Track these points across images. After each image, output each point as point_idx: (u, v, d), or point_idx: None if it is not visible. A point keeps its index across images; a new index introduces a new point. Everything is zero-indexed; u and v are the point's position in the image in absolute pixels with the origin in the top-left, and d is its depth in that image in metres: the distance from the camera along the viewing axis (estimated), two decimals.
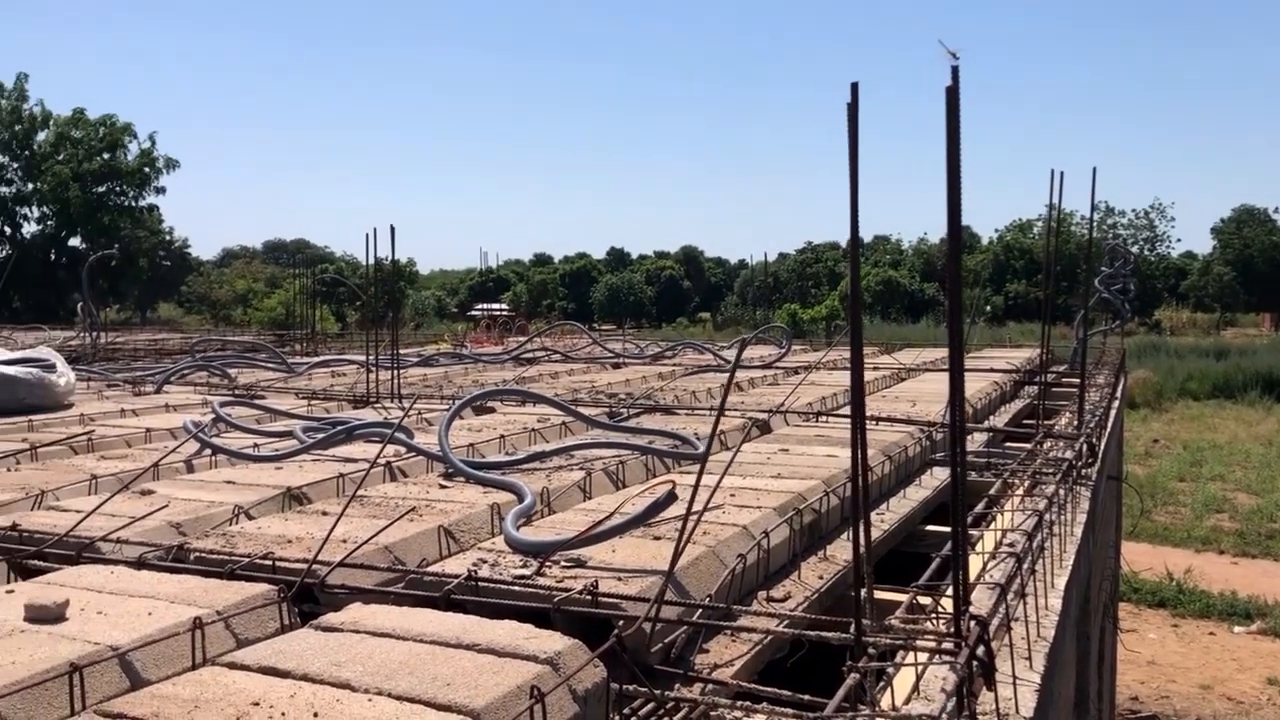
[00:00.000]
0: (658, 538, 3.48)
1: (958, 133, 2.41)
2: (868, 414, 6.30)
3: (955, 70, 2.37)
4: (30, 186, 36.91)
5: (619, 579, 3.02)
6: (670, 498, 3.14)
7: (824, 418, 6.58)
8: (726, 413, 6.71)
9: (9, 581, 3.20)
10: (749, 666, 2.91)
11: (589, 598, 2.84)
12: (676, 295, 66.35)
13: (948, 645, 2.53)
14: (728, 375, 8.55)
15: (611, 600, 2.84)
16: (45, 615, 2.67)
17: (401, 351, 9.54)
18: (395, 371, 8.12)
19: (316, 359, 11.92)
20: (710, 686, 2.71)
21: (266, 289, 42.74)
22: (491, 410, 7.18)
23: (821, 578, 3.65)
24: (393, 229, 7.81)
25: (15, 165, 36.89)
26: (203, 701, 2.21)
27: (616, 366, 11.60)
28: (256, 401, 7.14)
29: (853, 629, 2.45)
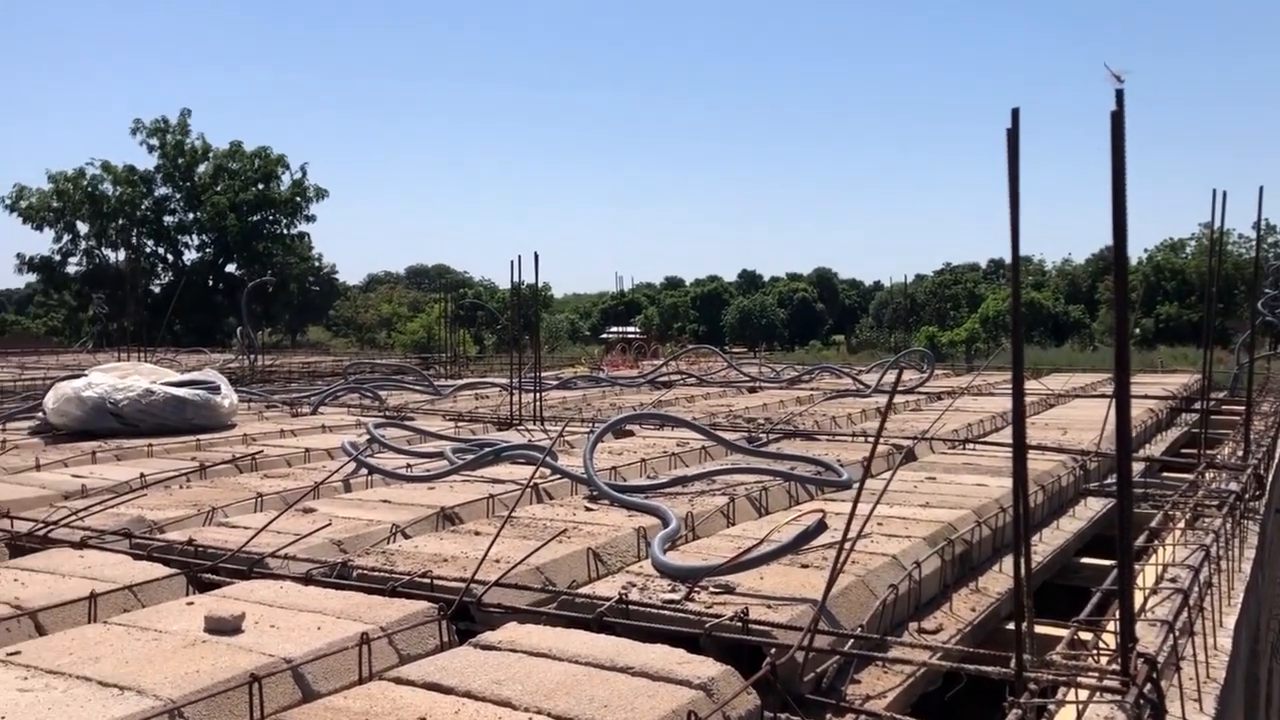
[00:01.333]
0: (805, 566, 3.47)
1: (1123, 157, 2.35)
2: None
3: (1120, 94, 2.32)
4: (191, 216, 38.93)
5: (768, 606, 3.02)
6: (820, 527, 3.13)
7: (971, 445, 6.43)
8: (870, 439, 6.63)
9: (187, 594, 3.38)
10: (901, 699, 2.87)
11: (739, 624, 2.85)
12: (810, 318, 65.74)
13: (1112, 683, 2.45)
14: (877, 400, 8.38)
15: (762, 628, 2.84)
16: (224, 627, 2.83)
17: (541, 375, 9.72)
18: (537, 395, 8.27)
19: (461, 382, 12.23)
20: (863, 718, 2.68)
21: (409, 313, 44.12)
22: (631, 434, 7.25)
23: (974, 610, 3.58)
24: (536, 256, 8.00)
25: (178, 196, 38.98)
26: (372, 715, 2.29)
27: (752, 390, 11.57)
28: (407, 423, 7.37)
29: (1013, 663, 2.40)
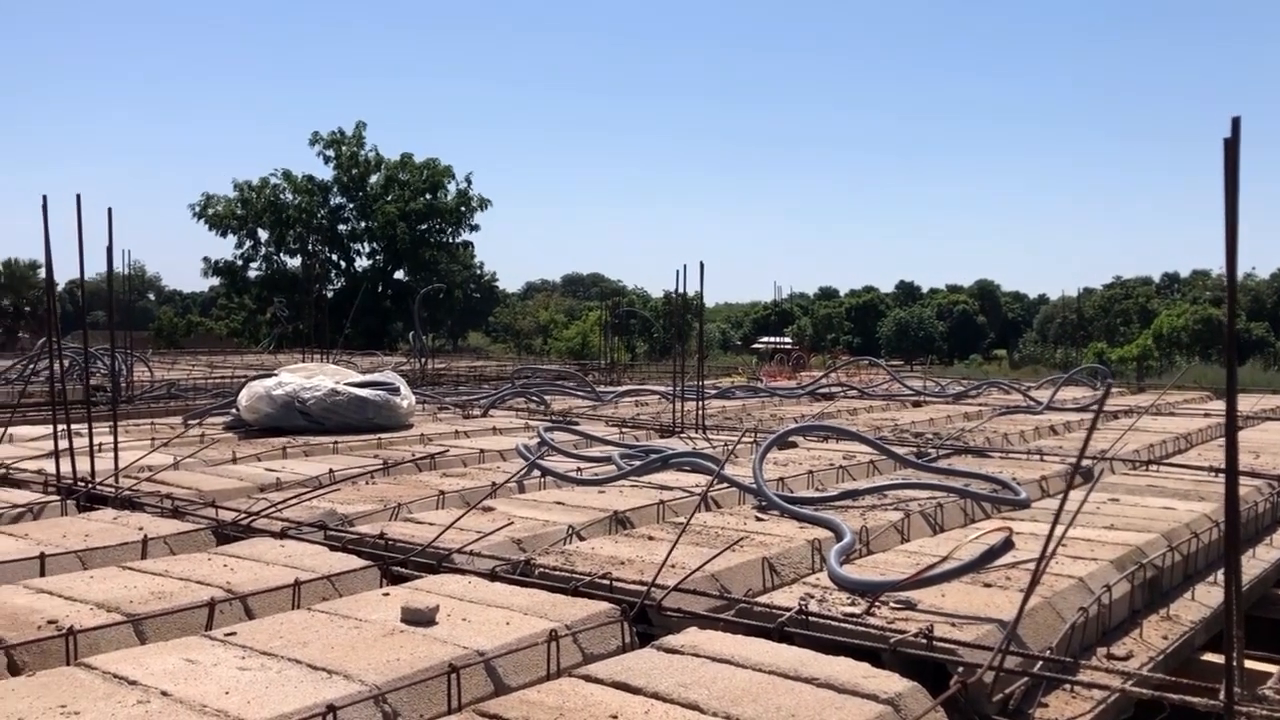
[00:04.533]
0: (988, 585, 3.40)
1: None
2: (1206, 465, 5.86)
3: None
4: (363, 225, 40.54)
5: (952, 624, 2.97)
6: (1007, 545, 3.06)
7: (1156, 466, 6.16)
8: (1045, 458, 6.42)
9: (380, 585, 3.54)
10: None
11: (925, 641, 2.81)
12: (970, 331, 63.87)
13: None
14: (1049, 417, 8.05)
15: (947, 645, 2.80)
16: (419, 618, 2.95)
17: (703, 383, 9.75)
18: (700, 403, 8.32)
19: (622, 388, 12.38)
20: None
21: (565, 320, 44.93)
22: (794, 445, 7.20)
23: (1165, 638, 3.43)
24: (702, 266, 8.05)
25: (351, 205, 40.64)
26: (566, 710, 2.36)
27: (917, 404, 11.34)
28: (574, 428, 7.51)
29: (1221, 695, 2.30)
